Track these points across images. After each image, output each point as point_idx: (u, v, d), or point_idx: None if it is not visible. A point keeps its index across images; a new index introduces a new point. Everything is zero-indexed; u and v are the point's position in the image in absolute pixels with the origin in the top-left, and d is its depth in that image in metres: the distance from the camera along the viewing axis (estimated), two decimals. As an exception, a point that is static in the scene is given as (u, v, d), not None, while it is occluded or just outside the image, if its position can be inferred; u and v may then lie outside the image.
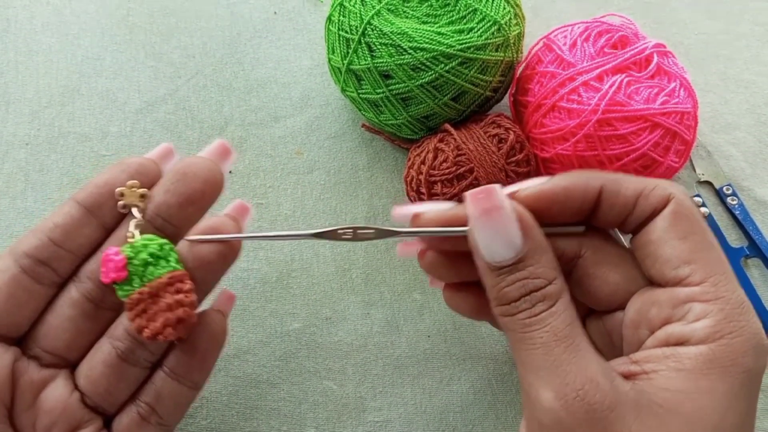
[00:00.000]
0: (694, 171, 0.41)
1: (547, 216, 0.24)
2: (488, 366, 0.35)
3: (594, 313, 0.26)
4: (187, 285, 0.25)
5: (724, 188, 0.40)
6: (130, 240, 0.25)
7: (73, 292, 0.26)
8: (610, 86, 0.33)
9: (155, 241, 0.25)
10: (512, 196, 0.24)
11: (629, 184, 0.24)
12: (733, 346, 0.21)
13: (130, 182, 0.26)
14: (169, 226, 0.26)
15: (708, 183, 0.41)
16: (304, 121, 0.42)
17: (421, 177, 0.35)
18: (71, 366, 0.27)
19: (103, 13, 0.45)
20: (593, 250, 0.25)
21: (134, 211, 0.26)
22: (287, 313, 0.35)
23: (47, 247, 0.25)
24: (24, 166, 0.38)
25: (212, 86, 0.42)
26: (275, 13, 0.46)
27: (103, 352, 0.26)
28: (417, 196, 0.36)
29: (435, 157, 0.35)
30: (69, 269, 0.26)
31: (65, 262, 0.25)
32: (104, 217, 0.26)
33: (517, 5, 0.36)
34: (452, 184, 0.34)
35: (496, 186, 0.23)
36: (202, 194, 0.26)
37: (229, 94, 0.42)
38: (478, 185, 0.34)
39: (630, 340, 0.23)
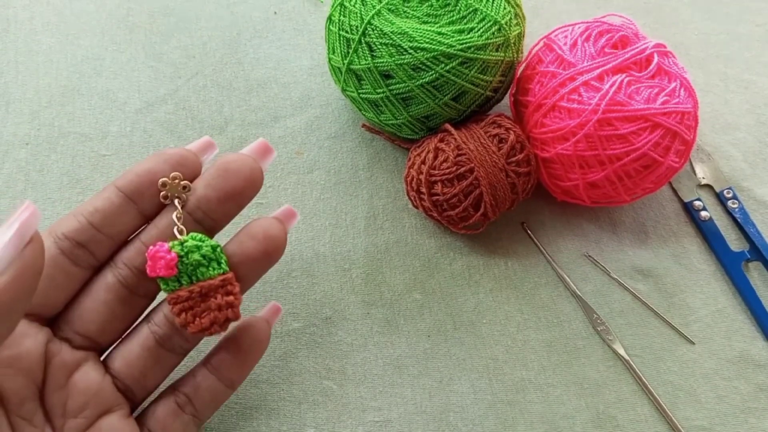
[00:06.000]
0: (695, 174, 0.41)
1: None
2: (488, 366, 0.34)
3: None
4: (236, 287, 0.26)
5: (725, 192, 0.40)
6: (179, 236, 0.26)
7: (109, 277, 0.26)
8: (611, 86, 0.33)
9: (208, 243, 0.26)
10: None
11: None
12: None
13: (173, 173, 0.26)
14: (209, 219, 0.27)
15: (708, 186, 0.41)
16: (304, 121, 0.42)
17: (422, 177, 0.35)
18: (100, 350, 0.27)
19: (103, 13, 0.45)
20: None
21: (176, 202, 0.26)
22: (287, 312, 0.35)
23: (87, 230, 0.25)
24: (24, 166, 0.38)
25: (212, 86, 0.42)
26: (275, 13, 0.46)
27: (141, 335, 0.27)
28: (417, 195, 0.36)
29: (435, 157, 0.35)
30: (106, 254, 0.26)
31: (103, 246, 0.26)
32: (144, 205, 0.26)
33: (517, 5, 0.36)
34: (452, 184, 0.34)
35: None
36: (243, 191, 0.27)
37: (229, 94, 0.42)
38: (478, 185, 0.34)
39: None
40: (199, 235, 0.26)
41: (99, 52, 0.43)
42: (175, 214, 0.26)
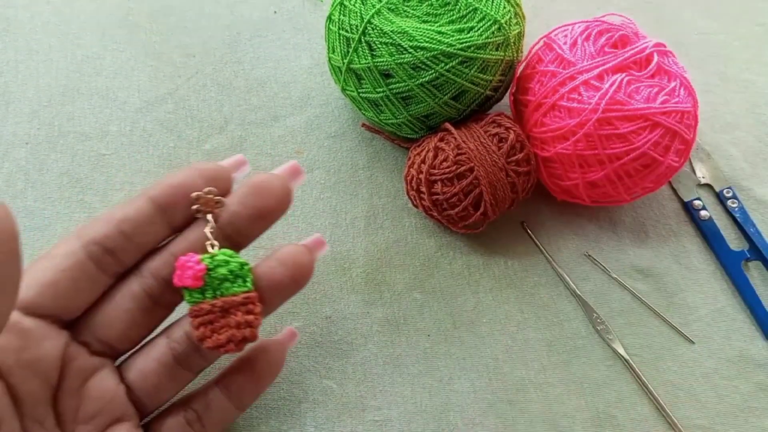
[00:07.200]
0: (695, 174, 0.41)
1: None
2: (488, 365, 0.34)
3: None
4: (258, 308, 0.26)
5: (725, 191, 0.40)
6: (210, 249, 0.26)
7: (134, 286, 0.26)
8: (611, 85, 0.33)
9: (236, 260, 0.26)
10: None
11: None
12: None
13: (207, 188, 0.26)
14: (237, 236, 0.27)
15: (708, 186, 0.41)
16: (304, 120, 0.42)
17: (422, 176, 0.35)
18: (116, 356, 0.27)
19: (103, 13, 0.45)
20: None
21: (209, 217, 0.26)
22: (287, 312, 0.35)
23: (116, 237, 0.25)
24: (24, 165, 0.38)
25: (212, 85, 0.42)
26: (275, 12, 0.46)
27: (158, 350, 0.27)
28: (417, 195, 0.36)
29: (435, 156, 0.35)
30: (131, 262, 0.26)
31: (129, 254, 0.26)
32: (174, 217, 0.26)
33: (517, 4, 0.36)
34: (452, 183, 0.34)
35: None
36: (274, 210, 0.27)
37: (229, 93, 0.42)
38: (478, 184, 0.34)
39: None
40: (229, 251, 0.26)
41: (99, 51, 0.43)
42: (208, 228, 0.26)
